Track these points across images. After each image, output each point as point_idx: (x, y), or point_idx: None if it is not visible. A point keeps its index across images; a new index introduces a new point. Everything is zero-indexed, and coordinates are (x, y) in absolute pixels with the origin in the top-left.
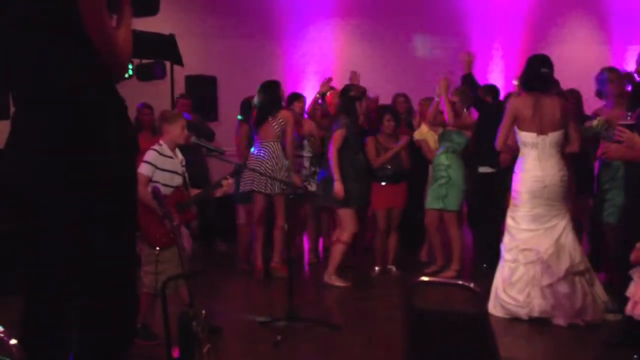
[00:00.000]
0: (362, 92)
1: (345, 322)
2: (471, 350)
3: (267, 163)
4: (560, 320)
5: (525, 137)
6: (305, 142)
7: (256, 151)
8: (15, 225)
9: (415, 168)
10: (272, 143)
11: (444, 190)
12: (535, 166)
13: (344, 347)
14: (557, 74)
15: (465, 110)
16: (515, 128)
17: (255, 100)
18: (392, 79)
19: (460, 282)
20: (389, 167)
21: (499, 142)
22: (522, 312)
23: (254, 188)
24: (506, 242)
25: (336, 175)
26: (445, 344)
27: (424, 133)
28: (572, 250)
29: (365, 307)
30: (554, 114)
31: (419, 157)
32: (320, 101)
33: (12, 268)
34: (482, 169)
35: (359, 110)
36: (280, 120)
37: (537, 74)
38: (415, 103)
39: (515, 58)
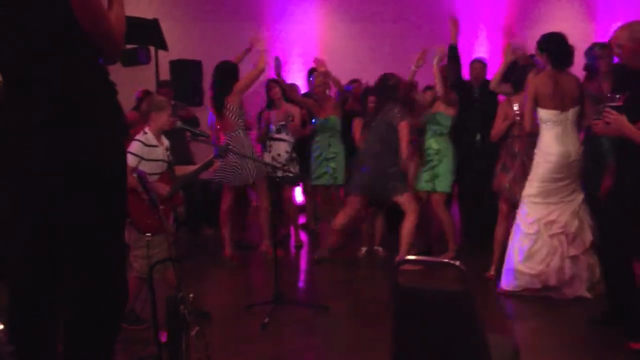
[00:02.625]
0: (398, 80)
1: (333, 303)
2: (457, 328)
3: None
4: (569, 292)
5: (548, 114)
6: (289, 126)
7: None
8: (4, 209)
9: None
10: (234, 133)
11: (435, 172)
12: (559, 142)
13: (331, 327)
14: None
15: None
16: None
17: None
18: (376, 60)
19: (445, 261)
20: None
21: (527, 124)
22: (537, 281)
23: (223, 180)
24: (526, 215)
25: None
26: (431, 322)
27: None
28: (590, 223)
29: (352, 288)
30: (573, 90)
31: None
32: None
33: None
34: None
35: (399, 97)
36: (231, 107)
37: (568, 52)
38: None
39: (500, 37)
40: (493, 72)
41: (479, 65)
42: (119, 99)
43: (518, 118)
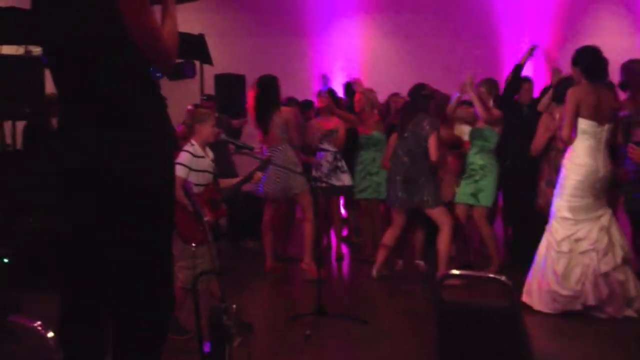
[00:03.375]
0: (433, 91)
1: (372, 316)
2: (503, 345)
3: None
4: (611, 310)
5: (588, 125)
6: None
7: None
8: (56, 221)
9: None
10: (280, 147)
11: (478, 186)
12: (591, 156)
13: (371, 340)
14: None
15: (491, 101)
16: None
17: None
18: (418, 74)
19: (491, 276)
20: None
21: (564, 134)
22: (577, 303)
23: (267, 193)
24: (557, 233)
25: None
26: (475, 339)
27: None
28: (620, 239)
29: (393, 302)
30: (611, 105)
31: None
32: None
33: (48, 264)
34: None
35: (432, 108)
36: (279, 122)
37: (603, 64)
38: None
39: (545, 53)
40: (539, 88)
41: (528, 84)
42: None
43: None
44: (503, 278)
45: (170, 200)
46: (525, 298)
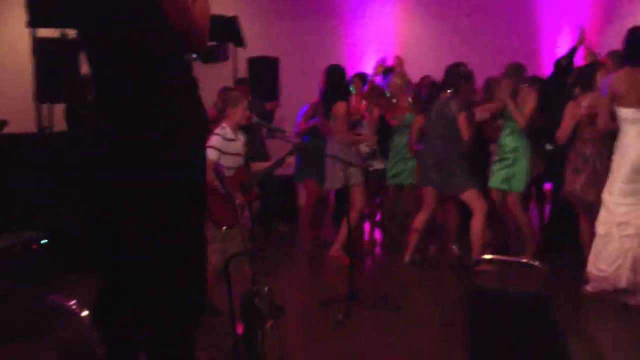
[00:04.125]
0: (471, 73)
1: (405, 302)
2: (534, 330)
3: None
4: None
5: (626, 113)
6: (365, 122)
7: (329, 146)
8: (92, 205)
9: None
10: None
11: (510, 172)
12: (635, 141)
13: (402, 326)
14: None
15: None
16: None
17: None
18: (453, 56)
19: (524, 261)
20: None
21: (601, 121)
22: (608, 284)
23: (326, 184)
24: (601, 216)
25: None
26: (507, 324)
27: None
28: None
29: (425, 287)
30: None
31: (479, 134)
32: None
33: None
34: (549, 147)
35: (464, 89)
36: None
37: None
38: (480, 80)
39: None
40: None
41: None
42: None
43: (585, 119)
44: (536, 263)
45: (200, 183)
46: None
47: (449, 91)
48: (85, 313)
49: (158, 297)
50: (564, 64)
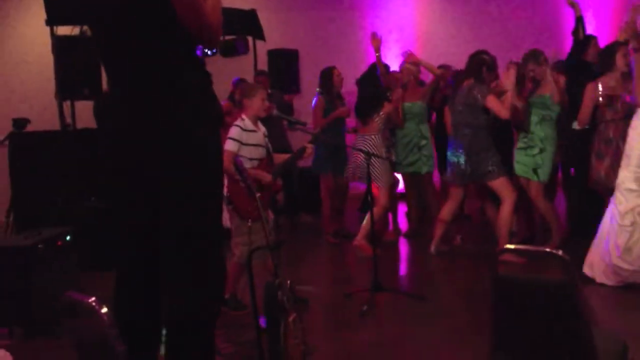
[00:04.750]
0: (494, 61)
1: (429, 292)
2: (559, 320)
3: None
4: None
5: None
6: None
7: (357, 143)
8: (110, 201)
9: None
10: (372, 136)
11: (538, 161)
12: None
13: (429, 317)
14: None
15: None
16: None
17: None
18: (474, 44)
19: (547, 250)
20: None
21: (639, 98)
22: (638, 276)
23: (351, 177)
24: (620, 205)
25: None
26: (532, 315)
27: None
28: None
29: (450, 277)
30: None
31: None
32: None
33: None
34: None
35: (486, 77)
36: (383, 115)
37: None
38: (502, 66)
39: (608, 13)
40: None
41: (594, 41)
42: (214, 88)
43: (602, 100)
44: (560, 252)
45: (214, 176)
46: (586, 270)
47: (472, 79)
48: (104, 310)
49: (178, 287)
50: (579, 37)
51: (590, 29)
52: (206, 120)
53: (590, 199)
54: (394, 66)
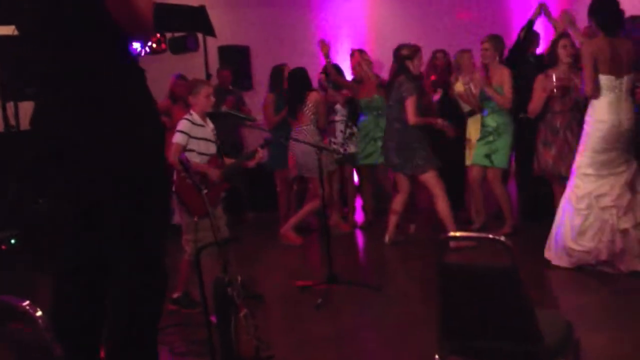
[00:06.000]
0: (415, 50)
1: (384, 282)
2: (503, 304)
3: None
4: (623, 266)
5: (604, 79)
6: (338, 107)
7: (293, 135)
8: (47, 202)
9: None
10: (305, 127)
11: (492, 147)
12: (611, 110)
13: (384, 307)
14: None
15: (497, 58)
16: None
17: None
18: (424, 37)
19: (490, 236)
20: None
21: (588, 88)
22: (589, 258)
23: (300, 171)
24: (577, 190)
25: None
26: (477, 299)
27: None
28: None
29: (404, 266)
30: (630, 55)
31: (457, 112)
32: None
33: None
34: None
35: (412, 69)
36: (310, 104)
37: (619, 16)
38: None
39: (555, 7)
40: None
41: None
42: (164, 86)
43: (555, 91)
44: (502, 238)
45: (155, 173)
46: (546, 253)
47: (402, 76)
48: (39, 313)
49: (115, 286)
50: (521, 37)
51: (538, 23)
52: (142, 117)
53: (539, 185)
54: (345, 60)
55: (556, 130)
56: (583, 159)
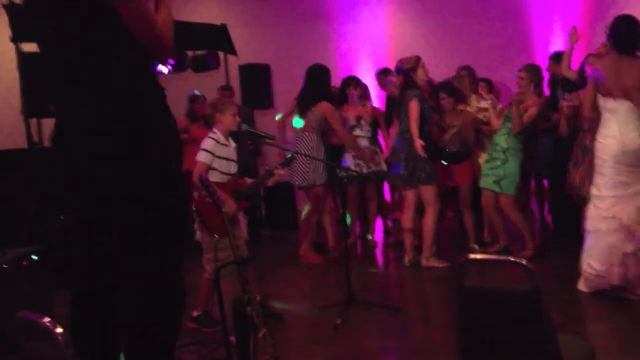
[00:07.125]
0: (414, 61)
1: (405, 304)
2: (524, 329)
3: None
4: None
5: (604, 102)
6: (362, 122)
7: (294, 139)
8: (66, 219)
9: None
10: (307, 133)
11: (500, 172)
12: (615, 131)
13: (403, 329)
14: None
15: (532, 87)
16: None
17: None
18: (447, 56)
19: (511, 259)
20: (452, 148)
21: (585, 110)
22: (603, 282)
23: (295, 182)
24: (589, 211)
25: (417, 145)
26: (497, 324)
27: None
28: None
29: (423, 288)
30: (634, 77)
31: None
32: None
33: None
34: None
35: (417, 80)
36: (317, 113)
37: (633, 36)
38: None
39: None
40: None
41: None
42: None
43: (565, 112)
44: (523, 262)
45: (173, 189)
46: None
47: (409, 90)
48: (59, 330)
49: (129, 305)
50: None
51: (560, 44)
52: (161, 135)
53: (567, 206)
54: (367, 79)
55: (587, 150)
56: (595, 180)
